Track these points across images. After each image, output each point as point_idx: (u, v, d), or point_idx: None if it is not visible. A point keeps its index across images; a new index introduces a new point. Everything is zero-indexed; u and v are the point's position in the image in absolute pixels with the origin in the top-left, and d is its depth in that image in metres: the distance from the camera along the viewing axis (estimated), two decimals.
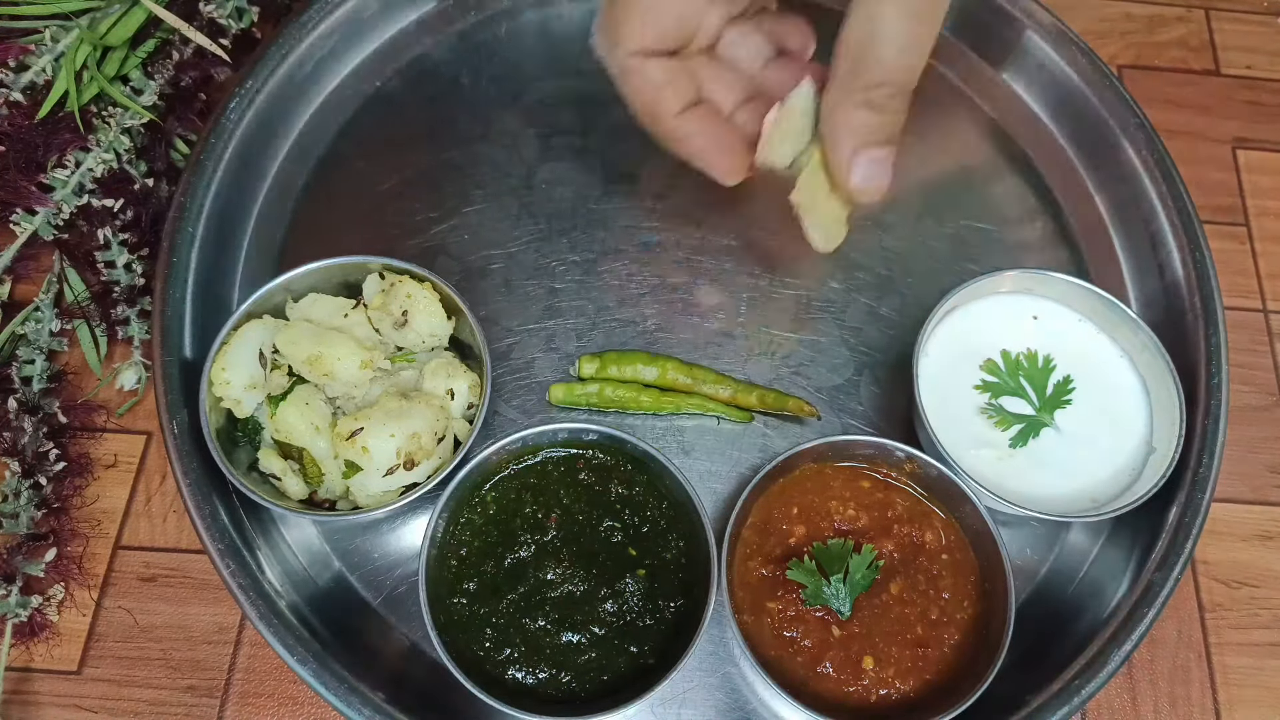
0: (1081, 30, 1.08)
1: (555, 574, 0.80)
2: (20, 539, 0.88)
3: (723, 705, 0.85)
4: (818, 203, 0.80)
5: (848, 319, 1.00)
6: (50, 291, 0.98)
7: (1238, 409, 0.97)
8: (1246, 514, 0.99)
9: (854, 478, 0.86)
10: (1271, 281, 1.10)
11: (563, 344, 0.97)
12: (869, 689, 0.79)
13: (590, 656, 0.79)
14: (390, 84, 1.09)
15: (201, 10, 1.04)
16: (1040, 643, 0.86)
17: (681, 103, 0.75)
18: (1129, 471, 0.88)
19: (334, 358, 0.82)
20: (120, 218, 0.98)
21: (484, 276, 1.00)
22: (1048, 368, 0.90)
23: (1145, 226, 1.02)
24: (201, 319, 0.92)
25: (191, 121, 1.04)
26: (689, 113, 0.76)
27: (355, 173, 1.04)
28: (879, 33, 0.69)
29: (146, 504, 0.93)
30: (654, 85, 0.74)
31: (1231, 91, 1.21)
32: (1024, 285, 0.93)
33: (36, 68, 1.00)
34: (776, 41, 0.83)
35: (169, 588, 0.90)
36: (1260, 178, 1.16)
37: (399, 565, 0.88)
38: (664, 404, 0.93)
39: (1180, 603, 0.94)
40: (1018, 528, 0.92)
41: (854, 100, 0.71)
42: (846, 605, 0.80)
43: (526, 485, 0.84)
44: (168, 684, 0.86)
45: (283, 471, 0.83)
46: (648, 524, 0.83)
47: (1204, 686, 0.91)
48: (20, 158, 0.97)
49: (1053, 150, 1.10)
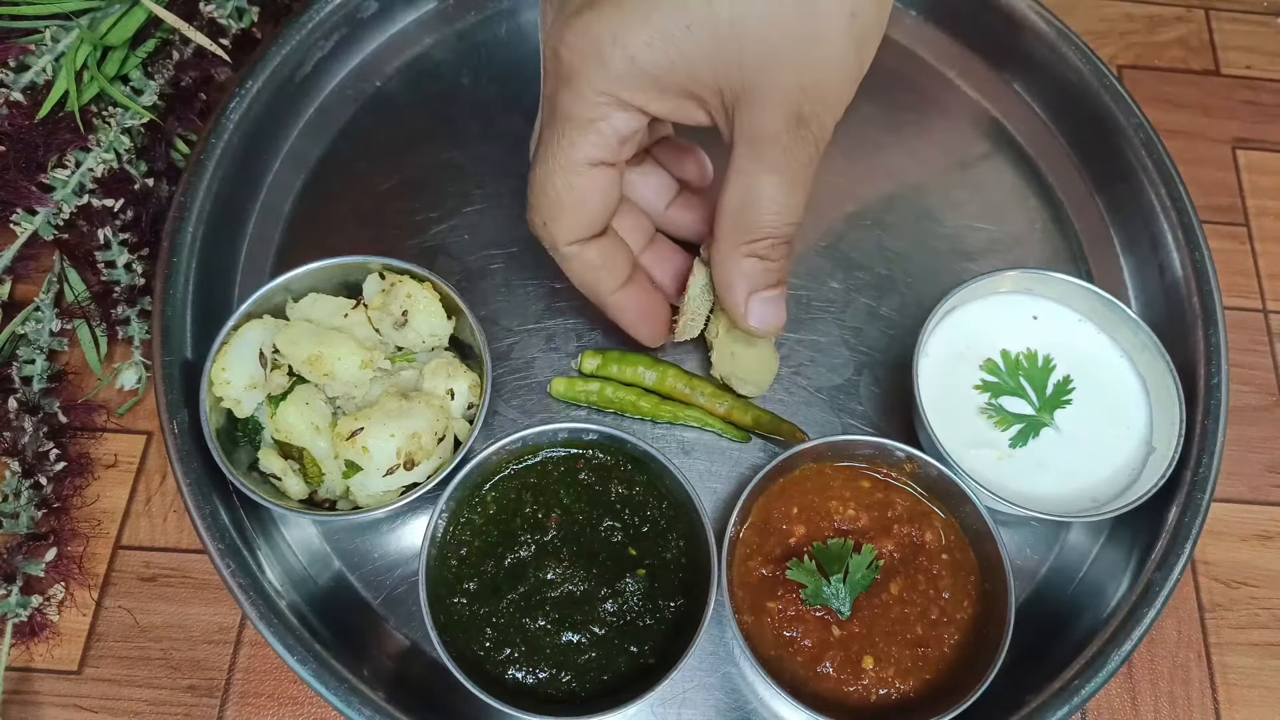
0: (1081, 30, 1.08)
1: (555, 574, 0.80)
2: (20, 539, 0.88)
3: (723, 705, 0.85)
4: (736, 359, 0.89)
5: (848, 319, 1.00)
6: (50, 291, 0.98)
7: (1237, 409, 0.97)
8: (1246, 514, 0.99)
9: (854, 478, 0.86)
10: (1271, 281, 1.10)
11: (563, 344, 0.97)
12: (869, 689, 0.79)
13: (590, 656, 0.79)
14: (390, 84, 1.09)
15: (201, 10, 1.04)
16: (1040, 643, 0.86)
17: (617, 281, 0.81)
18: (1129, 471, 0.88)
19: (334, 358, 0.82)
20: (120, 218, 0.98)
21: (484, 276, 1.00)
22: (1048, 368, 0.90)
23: (1145, 226, 1.03)
24: (201, 319, 0.92)
25: (191, 121, 1.04)
26: (622, 291, 0.82)
27: (355, 173, 1.04)
28: (757, 201, 0.72)
29: (146, 504, 0.93)
30: (592, 269, 0.80)
31: (1231, 91, 1.21)
32: (1024, 285, 0.93)
33: (36, 68, 1.00)
34: (677, 174, 0.88)
35: (169, 588, 0.90)
36: (1260, 178, 1.16)
37: (399, 565, 0.88)
38: (662, 412, 0.93)
39: (1180, 603, 0.94)
40: (1018, 528, 0.92)
41: (741, 252, 0.76)
42: (846, 605, 0.80)
43: (526, 485, 0.84)
44: (168, 684, 0.86)
45: (283, 471, 0.83)
46: (648, 524, 0.83)
47: (1204, 686, 0.91)
48: (20, 158, 0.97)
49: (1053, 150, 1.10)
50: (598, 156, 0.71)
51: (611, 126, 0.70)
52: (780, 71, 0.66)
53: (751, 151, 0.70)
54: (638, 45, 0.65)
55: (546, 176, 0.73)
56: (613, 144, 0.71)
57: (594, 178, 0.73)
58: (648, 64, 0.66)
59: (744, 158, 0.71)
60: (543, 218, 0.76)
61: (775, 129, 0.68)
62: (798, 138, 0.69)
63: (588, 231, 0.77)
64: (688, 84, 0.67)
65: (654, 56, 0.65)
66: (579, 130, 0.70)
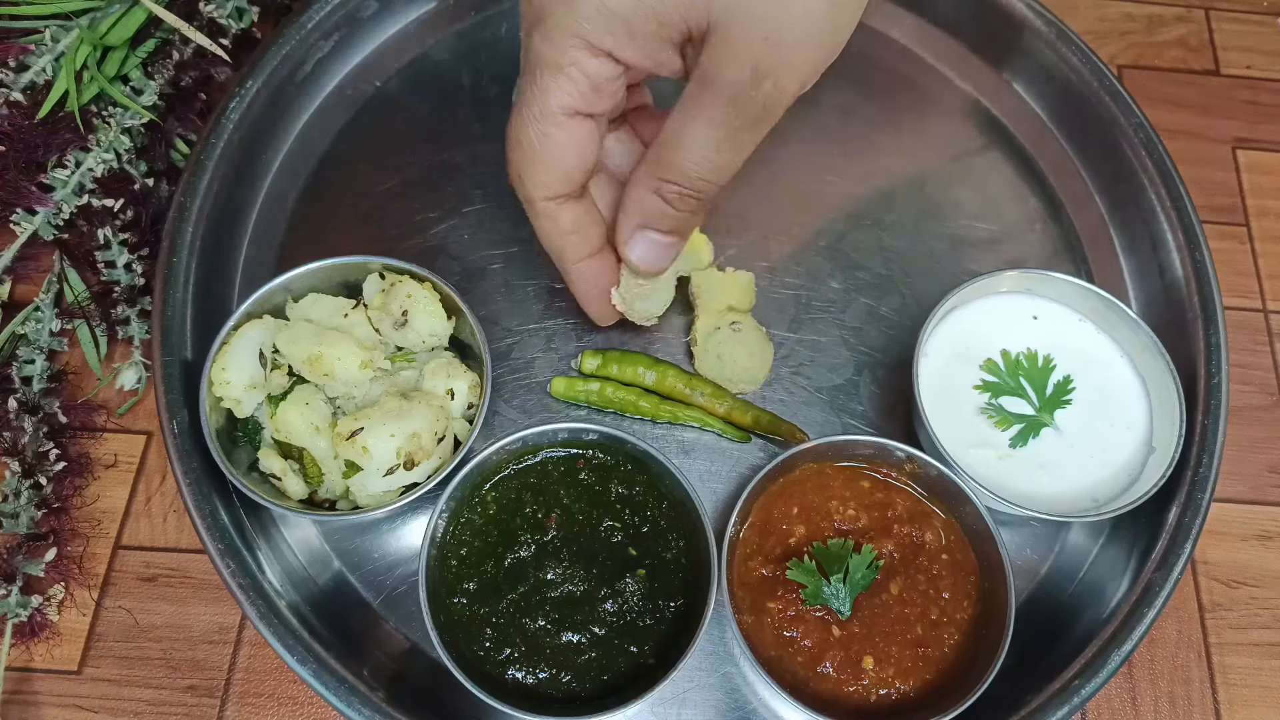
0: (1081, 30, 1.08)
1: (555, 574, 0.80)
2: (20, 539, 0.88)
3: (723, 705, 0.85)
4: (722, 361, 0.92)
5: (848, 319, 1.00)
6: (50, 291, 0.98)
7: (1238, 409, 0.97)
8: (1246, 514, 0.99)
9: (854, 478, 0.86)
10: (1271, 281, 1.10)
11: (562, 344, 0.97)
12: (869, 689, 0.79)
13: (590, 656, 0.79)
14: (390, 84, 1.09)
15: (201, 10, 1.04)
16: (1040, 643, 0.86)
17: (585, 251, 0.79)
18: (1129, 471, 0.88)
19: (334, 358, 0.82)
20: (120, 218, 0.98)
21: (484, 276, 1.00)
22: (1048, 368, 0.90)
23: (1145, 226, 1.03)
24: (201, 319, 0.92)
25: (191, 121, 1.04)
26: (586, 262, 0.80)
27: (355, 173, 1.04)
28: (682, 142, 0.70)
29: (146, 504, 0.93)
30: (563, 232, 0.78)
31: (1231, 91, 1.21)
32: (1024, 285, 0.93)
33: (36, 68, 1.00)
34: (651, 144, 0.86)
35: (169, 588, 0.90)
36: (1260, 178, 1.16)
37: (399, 565, 0.88)
38: (662, 412, 0.93)
39: (1180, 603, 0.94)
40: (1018, 528, 0.92)
41: (648, 185, 0.74)
42: (846, 605, 0.80)
43: (526, 485, 0.84)
44: (168, 684, 0.86)
45: (283, 471, 0.83)
46: (648, 524, 0.83)
47: (1204, 686, 0.91)
48: (20, 158, 0.97)
49: (1053, 150, 1.10)
50: (571, 105, 0.69)
51: (582, 72, 0.68)
52: (746, 18, 0.64)
53: (697, 93, 0.68)
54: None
55: (522, 125, 0.71)
56: (586, 91, 0.69)
57: (570, 128, 0.71)
58: (617, 5, 0.64)
59: (689, 97, 0.69)
60: (518, 169, 0.74)
61: (728, 77, 0.66)
62: (747, 95, 0.66)
63: (563, 187, 0.75)
64: (656, 27, 0.66)
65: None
66: (551, 75, 0.68)
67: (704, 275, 0.96)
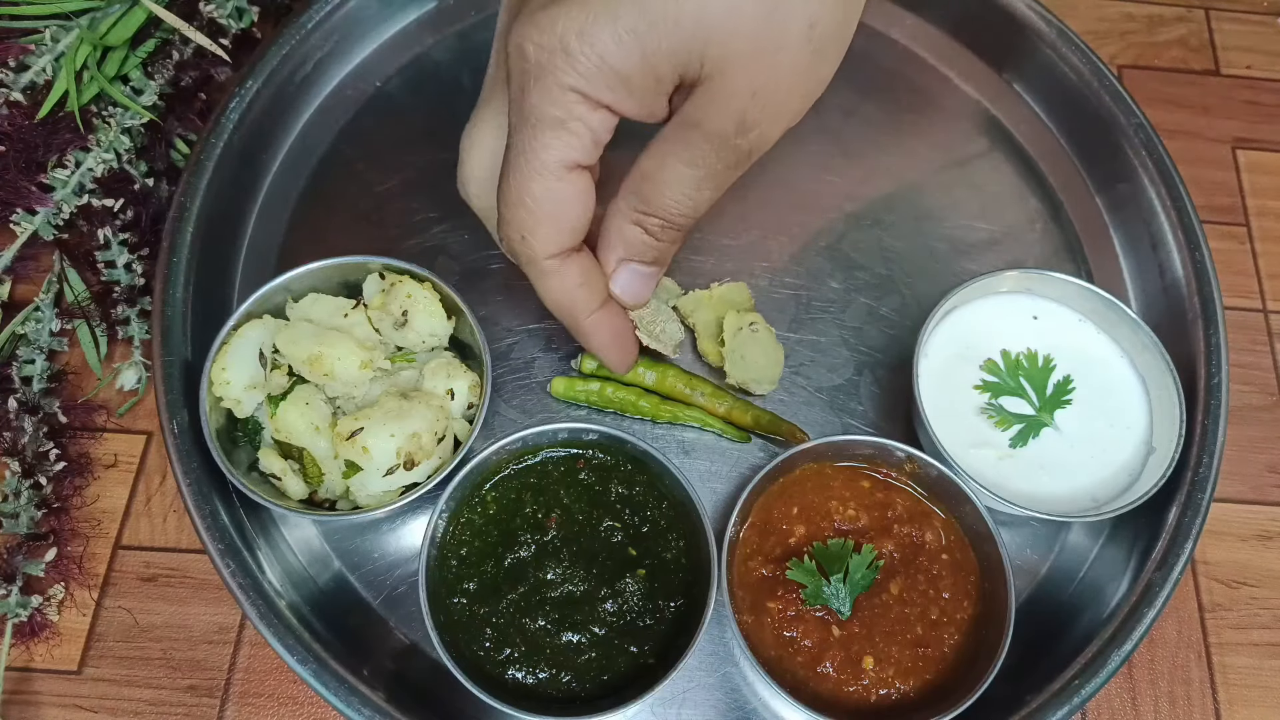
0: (1081, 30, 1.08)
1: (555, 574, 0.80)
2: (20, 539, 0.88)
3: (723, 705, 0.85)
4: (746, 362, 0.92)
5: (848, 319, 1.00)
6: (50, 291, 0.98)
7: (1238, 409, 0.97)
8: (1246, 514, 0.99)
9: (854, 478, 0.86)
10: (1271, 281, 1.10)
11: (562, 344, 0.97)
12: (869, 689, 0.79)
13: (590, 656, 0.79)
14: (390, 84, 1.09)
15: (201, 10, 1.04)
16: (1040, 643, 0.86)
17: (596, 302, 0.77)
18: (1129, 471, 0.88)
19: (334, 358, 0.82)
20: (120, 218, 0.98)
21: (484, 276, 0.99)
22: (1048, 368, 0.90)
23: (1145, 226, 1.03)
24: (201, 319, 0.92)
25: (191, 121, 1.04)
26: (598, 314, 0.78)
27: (355, 173, 1.04)
28: (664, 178, 0.70)
29: (146, 504, 0.93)
30: (573, 287, 0.75)
31: (1231, 91, 1.21)
32: (1024, 285, 0.93)
33: (36, 68, 1.00)
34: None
35: (169, 588, 0.90)
36: (1260, 178, 1.16)
37: (399, 565, 0.88)
38: (662, 412, 0.93)
39: (1180, 603, 0.94)
40: (1018, 528, 0.92)
41: (628, 217, 0.73)
42: (846, 605, 0.80)
43: (526, 485, 0.84)
44: (168, 684, 0.86)
45: (283, 471, 0.83)
46: (648, 524, 0.83)
47: (1204, 686, 0.91)
48: (20, 158, 0.97)
49: (1053, 150, 1.10)
50: (573, 159, 0.69)
51: (586, 126, 0.68)
52: (736, 72, 0.64)
53: (682, 134, 0.68)
54: (606, 43, 0.64)
55: (522, 184, 0.70)
56: (588, 144, 0.68)
57: (572, 181, 0.70)
58: (617, 62, 0.64)
59: (673, 138, 0.69)
60: (520, 231, 0.72)
61: (714, 126, 0.67)
62: (731, 144, 0.67)
63: (571, 241, 0.73)
64: (654, 82, 0.66)
65: (623, 54, 0.64)
66: (553, 130, 0.67)
67: (689, 299, 0.96)
